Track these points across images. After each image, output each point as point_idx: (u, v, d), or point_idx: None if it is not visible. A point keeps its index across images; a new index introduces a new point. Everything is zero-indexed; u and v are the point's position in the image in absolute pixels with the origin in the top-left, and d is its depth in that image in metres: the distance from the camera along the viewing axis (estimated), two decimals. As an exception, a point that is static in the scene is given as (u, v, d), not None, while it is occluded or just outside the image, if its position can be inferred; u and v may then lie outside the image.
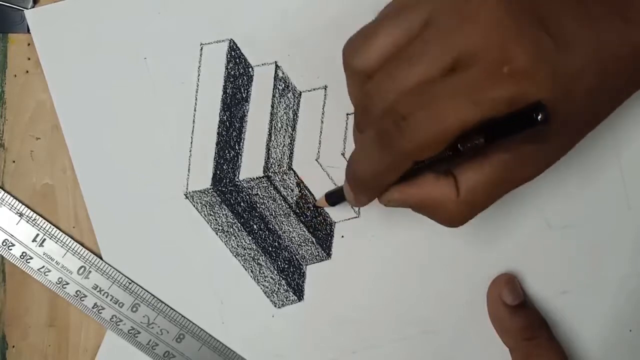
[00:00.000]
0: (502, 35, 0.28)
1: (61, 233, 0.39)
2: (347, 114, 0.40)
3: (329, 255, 0.41)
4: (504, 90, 0.28)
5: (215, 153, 0.40)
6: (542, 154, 0.32)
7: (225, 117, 0.40)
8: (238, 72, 0.40)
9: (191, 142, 0.40)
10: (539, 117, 0.28)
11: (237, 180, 0.40)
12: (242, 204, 0.41)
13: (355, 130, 0.34)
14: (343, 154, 0.41)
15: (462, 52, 0.28)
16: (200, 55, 0.40)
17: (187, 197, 0.40)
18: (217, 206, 0.40)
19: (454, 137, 0.28)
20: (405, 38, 0.30)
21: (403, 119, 0.28)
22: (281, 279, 0.41)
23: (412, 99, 0.29)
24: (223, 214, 0.40)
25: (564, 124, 0.30)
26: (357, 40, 0.31)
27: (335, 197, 0.39)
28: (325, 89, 0.40)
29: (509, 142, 0.31)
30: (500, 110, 0.28)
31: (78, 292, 0.39)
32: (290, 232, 0.41)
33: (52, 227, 0.39)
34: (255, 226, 0.41)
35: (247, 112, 0.40)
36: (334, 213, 0.41)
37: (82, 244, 0.40)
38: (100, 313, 0.40)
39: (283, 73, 0.40)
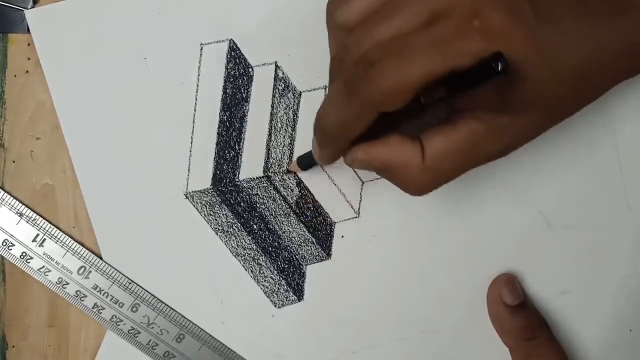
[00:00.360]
0: None
1: (61, 233, 0.39)
2: (347, 114, 0.40)
3: (329, 255, 0.41)
4: (472, 43, 0.28)
5: (215, 153, 0.40)
6: (514, 129, 0.32)
7: (225, 117, 0.40)
8: (238, 72, 0.40)
9: (191, 142, 0.40)
10: (499, 67, 0.27)
11: (237, 180, 0.40)
12: (242, 204, 0.41)
13: (329, 84, 0.33)
14: (343, 154, 0.41)
15: (438, 8, 0.28)
16: (200, 55, 0.40)
17: (187, 197, 0.40)
18: (217, 206, 0.40)
19: (418, 87, 0.28)
20: None
21: (371, 66, 0.29)
22: (281, 279, 0.41)
23: (383, 48, 0.29)
24: (223, 214, 0.40)
25: (539, 98, 0.30)
26: None
27: (306, 160, 0.39)
28: (325, 89, 0.40)
29: (480, 110, 0.30)
30: (466, 63, 0.28)
31: (78, 292, 0.39)
32: (290, 232, 0.41)
33: (52, 227, 0.39)
34: (255, 226, 0.41)
35: (247, 112, 0.40)
36: (334, 213, 0.41)
37: (82, 244, 0.40)
38: (100, 313, 0.40)
39: (283, 73, 0.40)
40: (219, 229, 0.40)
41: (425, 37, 0.28)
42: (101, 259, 0.40)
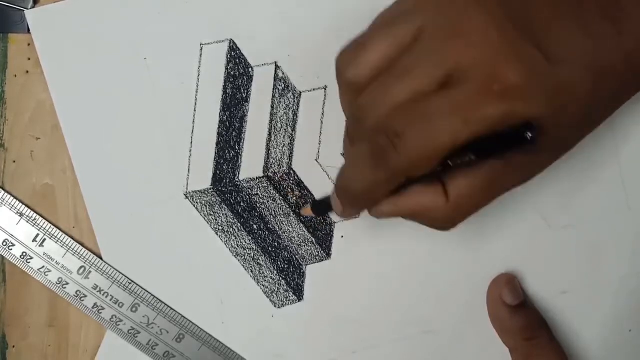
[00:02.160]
0: (492, 52, 0.28)
1: (61, 233, 0.39)
2: (347, 114, 0.40)
3: (329, 255, 0.41)
4: (495, 108, 0.28)
5: (215, 153, 0.40)
6: (534, 163, 0.33)
7: (225, 117, 0.40)
8: (238, 72, 0.40)
9: (191, 142, 0.40)
10: (528, 135, 0.28)
11: (237, 180, 0.40)
12: (242, 204, 0.41)
13: (346, 141, 0.34)
14: (343, 154, 0.41)
15: (452, 68, 0.29)
16: (200, 55, 0.40)
17: (187, 197, 0.40)
18: (217, 206, 0.40)
19: (445, 154, 0.29)
20: (397, 50, 0.30)
21: (397, 137, 0.29)
22: (281, 279, 0.41)
23: (405, 114, 0.29)
24: (223, 214, 0.40)
25: (555, 136, 0.31)
26: (350, 52, 0.31)
27: (321, 208, 0.39)
28: (325, 89, 0.40)
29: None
30: (491, 128, 0.28)
31: (78, 292, 0.39)
32: (290, 232, 0.41)
33: (52, 227, 0.39)
34: (255, 226, 0.41)
35: (247, 112, 0.40)
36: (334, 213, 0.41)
37: (82, 244, 0.40)
38: (100, 313, 0.40)
39: (283, 73, 0.40)
40: (219, 229, 0.40)
41: (446, 102, 0.28)
42: (101, 259, 0.40)
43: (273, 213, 0.41)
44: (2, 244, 0.39)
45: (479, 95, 0.28)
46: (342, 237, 0.41)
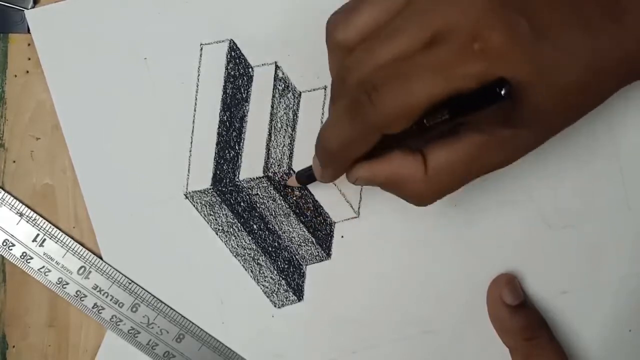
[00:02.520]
0: (476, 14, 0.28)
1: (61, 233, 0.39)
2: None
3: (329, 255, 0.41)
4: (473, 66, 0.28)
5: (215, 153, 0.40)
6: (517, 141, 0.32)
7: (225, 117, 0.40)
8: (238, 72, 0.40)
9: (191, 142, 0.40)
10: (502, 92, 0.28)
11: (237, 180, 0.40)
12: (242, 204, 0.41)
13: (330, 103, 0.34)
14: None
15: (438, 29, 0.29)
16: (200, 55, 0.40)
17: (187, 197, 0.40)
18: (217, 206, 0.40)
19: (421, 110, 0.29)
20: (387, 15, 0.30)
21: (374, 90, 0.29)
22: (281, 279, 0.41)
23: (386, 71, 0.29)
24: (223, 214, 0.40)
25: (540, 113, 0.30)
26: (340, 15, 0.32)
27: (305, 176, 0.39)
28: (325, 89, 0.40)
29: (482, 124, 0.31)
30: (469, 86, 0.28)
31: (78, 292, 0.39)
32: (290, 232, 0.41)
33: (52, 227, 0.39)
34: (255, 226, 0.41)
35: (247, 112, 0.40)
36: (334, 213, 0.41)
37: (82, 244, 0.40)
38: (100, 313, 0.40)
39: (283, 73, 0.40)
40: (219, 229, 0.40)
41: (427, 60, 0.29)
42: (101, 259, 0.40)
43: (273, 213, 0.41)
44: (2, 244, 0.39)
45: (459, 53, 0.28)
46: (342, 237, 0.41)
